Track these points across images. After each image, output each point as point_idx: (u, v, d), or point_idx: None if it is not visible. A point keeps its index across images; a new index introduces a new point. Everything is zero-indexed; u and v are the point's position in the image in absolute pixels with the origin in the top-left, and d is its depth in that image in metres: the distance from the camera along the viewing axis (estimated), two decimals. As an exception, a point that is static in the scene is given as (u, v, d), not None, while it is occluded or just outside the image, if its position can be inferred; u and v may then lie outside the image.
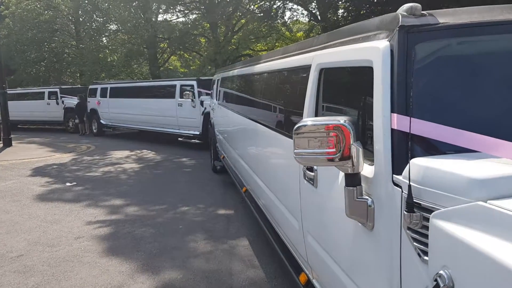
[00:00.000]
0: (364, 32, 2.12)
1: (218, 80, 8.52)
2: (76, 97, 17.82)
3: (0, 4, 27.49)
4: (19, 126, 20.51)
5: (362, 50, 2.02)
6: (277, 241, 3.70)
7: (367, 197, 1.79)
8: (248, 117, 4.90)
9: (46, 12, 25.78)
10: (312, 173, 2.46)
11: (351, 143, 1.71)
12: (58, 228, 5.59)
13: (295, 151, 1.81)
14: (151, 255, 4.63)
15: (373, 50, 1.88)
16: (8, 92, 18.44)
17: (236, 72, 6.31)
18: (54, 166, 10.19)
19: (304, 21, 24.52)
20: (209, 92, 11.47)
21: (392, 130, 1.70)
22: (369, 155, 1.83)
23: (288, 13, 20.63)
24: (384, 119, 1.73)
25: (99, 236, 5.26)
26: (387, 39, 1.84)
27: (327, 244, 2.34)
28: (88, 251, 4.76)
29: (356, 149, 1.72)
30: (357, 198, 1.77)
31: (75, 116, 17.57)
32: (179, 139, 12.80)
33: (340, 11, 18.32)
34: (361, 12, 16.48)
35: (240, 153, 5.63)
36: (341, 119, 1.75)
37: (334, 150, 1.73)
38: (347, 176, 1.78)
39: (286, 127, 3.33)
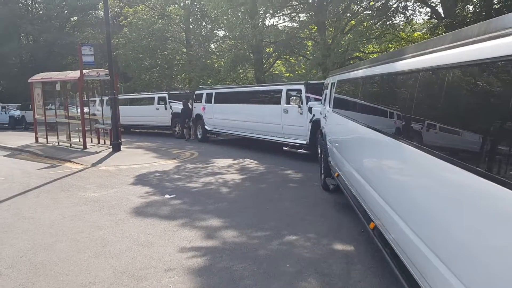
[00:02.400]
0: None
1: (332, 83, 7.32)
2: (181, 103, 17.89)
3: (119, 15, 29.47)
4: (131, 130, 21.35)
5: None
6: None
7: None
8: (385, 132, 3.62)
9: (159, 21, 26.93)
10: None
11: None
12: (149, 253, 4.86)
13: None
14: (251, 307, 3.61)
15: None
16: (121, 97, 19.26)
17: (361, 72, 5.06)
18: (157, 174, 9.85)
19: (421, 20, 22.24)
20: (318, 97, 10.32)
21: None
22: None
23: (409, 11, 18.67)
24: None
25: (192, 270, 4.40)
26: None
27: None
28: (177, 292, 3.91)
29: None
30: None
31: (183, 120, 17.56)
32: (284, 148, 11.81)
33: (470, 7, 15.99)
34: (494, 7, 14.16)
35: (366, 175, 4.37)
36: None
37: None
38: None
39: (474, 157, 2.06)
